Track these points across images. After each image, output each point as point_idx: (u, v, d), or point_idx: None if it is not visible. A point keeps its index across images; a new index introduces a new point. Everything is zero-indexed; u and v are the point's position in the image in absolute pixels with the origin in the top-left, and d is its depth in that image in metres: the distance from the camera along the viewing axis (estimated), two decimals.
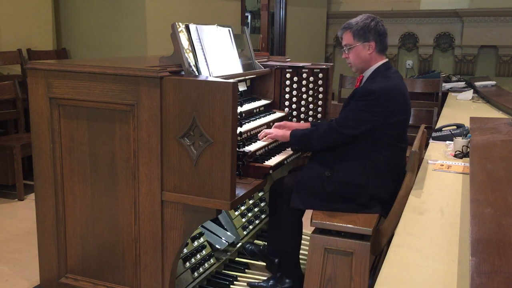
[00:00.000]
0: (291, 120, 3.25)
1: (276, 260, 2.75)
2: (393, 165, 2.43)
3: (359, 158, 2.39)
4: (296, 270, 2.64)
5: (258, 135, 2.74)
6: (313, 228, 2.34)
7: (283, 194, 2.54)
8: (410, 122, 4.03)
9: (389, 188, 2.40)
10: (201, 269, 2.73)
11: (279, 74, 3.24)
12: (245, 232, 3.17)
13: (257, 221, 3.37)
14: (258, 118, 2.95)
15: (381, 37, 2.46)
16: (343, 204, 2.37)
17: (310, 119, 3.25)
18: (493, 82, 5.61)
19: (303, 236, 2.68)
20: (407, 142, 2.54)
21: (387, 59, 2.54)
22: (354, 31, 2.47)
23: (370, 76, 2.49)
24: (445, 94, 5.53)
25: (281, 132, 2.68)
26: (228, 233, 3.06)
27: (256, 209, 3.42)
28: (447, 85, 5.91)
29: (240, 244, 3.08)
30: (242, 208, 3.30)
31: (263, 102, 3.19)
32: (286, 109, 3.26)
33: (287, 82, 3.24)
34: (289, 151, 2.76)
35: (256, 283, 2.73)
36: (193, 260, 2.69)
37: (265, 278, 2.78)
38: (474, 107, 4.59)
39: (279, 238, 2.62)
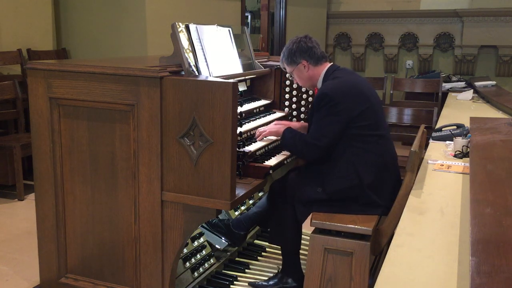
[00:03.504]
0: (291, 120, 3.25)
1: (243, 233, 2.81)
2: (380, 155, 2.43)
3: (344, 160, 2.39)
4: (297, 269, 2.65)
5: (255, 136, 2.73)
6: (313, 228, 2.34)
7: (283, 194, 2.54)
8: (410, 122, 4.05)
9: (385, 180, 2.40)
10: (201, 269, 2.73)
11: (279, 74, 3.24)
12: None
13: None
14: (258, 118, 2.95)
15: (308, 52, 2.55)
16: (344, 208, 2.37)
17: None
18: (493, 82, 5.61)
19: (303, 236, 2.68)
20: (387, 129, 2.56)
21: (330, 63, 2.61)
22: (286, 61, 2.62)
23: (322, 84, 2.57)
24: (445, 94, 5.54)
25: (274, 128, 2.67)
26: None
27: None
28: (447, 85, 5.92)
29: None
30: (242, 208, 3.30)
31: (263, 102, 3.19)
32: (286, 109, 3.26)
33: (287, 82, 3.24)
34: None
35: (257, 283, 2.73)
36: (193, 260, 2.70)
37: (265, 278, 2.78)
38: (474, 107, 4.59)
39: (280, 238, 2.63)
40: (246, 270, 2.93)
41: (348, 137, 2.39)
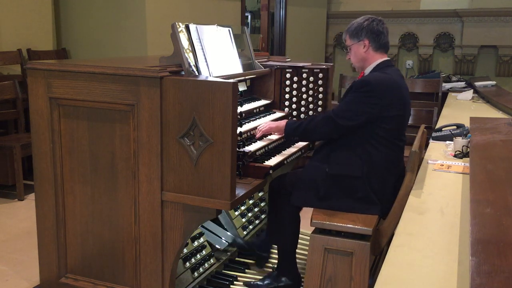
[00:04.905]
0: None
1: (265, 254, 2.84)
2: (390, 161, 2.43)
3: (354, 150, 2.39)
4: (293, 268, 2.65)
5: (256, 135, 2.73)
6: (313, 228, 2.34)
7: (283, 192, 2.55)
8: (410, 122, 4.05)
9: (387, 184, 2.40)
10: (201, 269, 2.73)
11: (279, 74, 3.24)
12: (245, 232, 3.17)
13: (257, 221, 3.37)
14: (258, 118, 2.95)
15: (374, 35, 2.49)
16: (341, 200, 2.37)
17: None
18: (493, 82, 5.61)
19: (303, 236, 2.68)
20: (405, 141, 2.55)
21: (387, 58, 2.55)
22: (350, 32, 2.55)
23: (370, 73, 2.52)
24: (445, 94, 5.53)
25: (274, 124, 2.67)
26: (228, 233, 3.07)
27: (256, 209, 3.42)
28: (447, 85, 5.91)
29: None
30: (242, 208, 3.30)
31: (263, 102, 3.19)
32: (286, 109, 3.26)
33: (287, 82, 3.24)
34: (289, 151, 2.76)
35: (252, 282, 2.73)
36: (193, 260, 2.69)
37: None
38: (474, 107, 4.59)
39: (278, 235, 2.63)
40: (246, 270, 2.93)
41: (369, 133, 2.38)
